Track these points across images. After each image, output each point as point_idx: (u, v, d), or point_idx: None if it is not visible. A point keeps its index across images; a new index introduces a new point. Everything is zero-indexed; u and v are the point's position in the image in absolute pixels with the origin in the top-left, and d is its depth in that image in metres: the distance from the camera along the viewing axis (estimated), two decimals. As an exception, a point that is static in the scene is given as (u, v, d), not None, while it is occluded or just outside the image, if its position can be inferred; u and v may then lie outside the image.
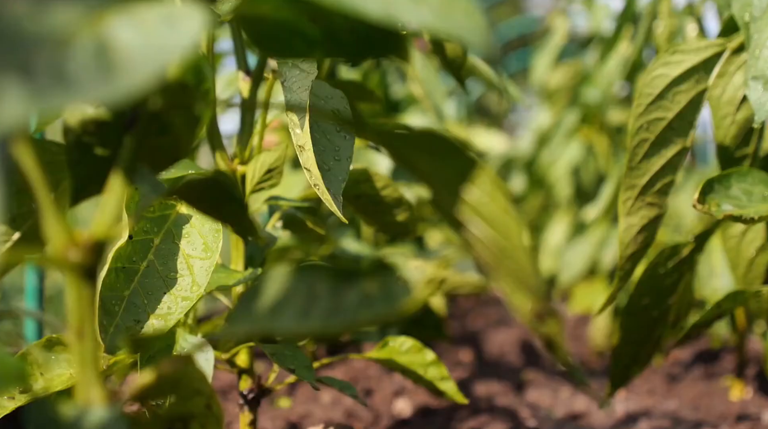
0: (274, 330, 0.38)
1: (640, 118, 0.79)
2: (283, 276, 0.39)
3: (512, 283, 0.39)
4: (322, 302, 0.38)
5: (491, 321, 2.17)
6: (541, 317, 0.39)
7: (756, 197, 0.76)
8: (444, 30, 0.34)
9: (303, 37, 0.43)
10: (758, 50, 0.75)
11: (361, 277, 0.39)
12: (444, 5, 0.35)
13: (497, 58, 0.39)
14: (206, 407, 0.47)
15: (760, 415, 1.09)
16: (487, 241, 0.38)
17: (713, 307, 0.83)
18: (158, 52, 0.30)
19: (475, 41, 0.35)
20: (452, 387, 0.80)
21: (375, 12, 0.34)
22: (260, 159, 0.74)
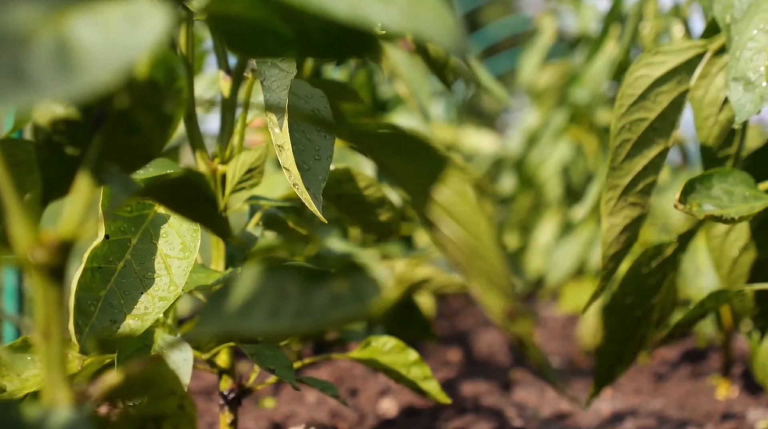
0: (243, 330, 0.38)
1: (623, 119, 0.79)
2: (253, 276, 0.39)
3: (484, 283, 0.38)
4: (292, 302, 0.38)
5: (481, 320, 2.18)
6: (513, 317, 0.38)
7: (737, 197, 0.76)
8: (412, 30, 0.34)
9: (276, 36, 0.43)
10: (739, 52, 0.75)
11: (331, 277, 0.38)
12: (413, 5, 0.34)
13: (467, 59, 0.38)
14: (179, 407, 0.47)
15: (744, 413, 1.09)
16: (458, 241, 0.38)
17: (696, 307, 0.83)
18: (120, 50, 0.30)
19: (444, 41, 0.34)
20: (435, 386, 0.80)
21: (342, 12, 0.34)
22: (240, 158, 0.73)
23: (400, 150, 0.38)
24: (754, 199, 0.76)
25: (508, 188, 2.31)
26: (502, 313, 0.38)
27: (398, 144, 0.37)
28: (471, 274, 0.38)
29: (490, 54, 5.08)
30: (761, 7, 0.75)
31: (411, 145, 0.37)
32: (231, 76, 0.77)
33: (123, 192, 0.42)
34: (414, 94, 1.11)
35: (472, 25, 7.40)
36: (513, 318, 0.38)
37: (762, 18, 0.75)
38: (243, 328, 0.38)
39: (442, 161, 0.37)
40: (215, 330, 0.37)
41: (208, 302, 0.38)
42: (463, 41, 0.35)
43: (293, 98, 0.68)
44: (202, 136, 0.76)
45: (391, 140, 0.37)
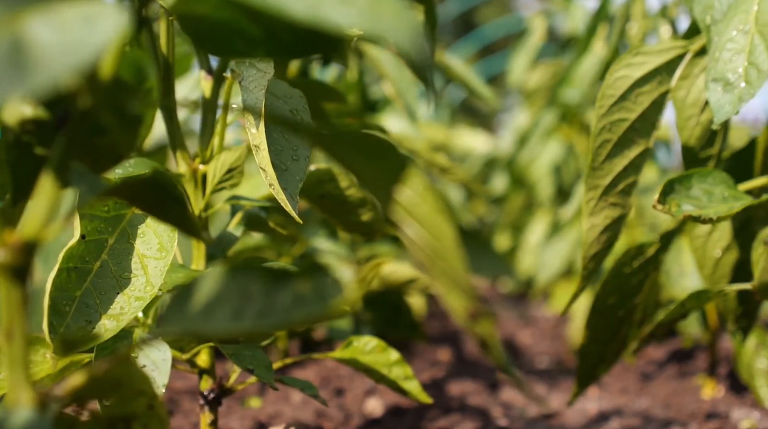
0: (206, 330, 0.38)
1: (603, 119, 0.79)
2: (217, 276, 0.39)
3: (446, 283, 0.39)
4: (256, 302, 0.38)
5: (473, 320, 2.18)
6: (475, 317, 0.39)
7: (716, 197, 0.76)
8: (372, 31, 0.34)
9: (244, 36, 0.43)
10: (718, 53, 0.75)
11: (294, 277, 0.38)
12: (372, 6, 0.34)
13: (427, 60, 0.38)
14: (149, 408, 0.47)
15: (728, 413, 1.09)
16: (420, 242, 0.38)
17: (677, 307, 0.83)
18: (75, 50, 0.30)
19: (403, 43, 0.34)
20: (416, 386, 0.80)
21: (301, 13, 0.34)
22: (221, 158, 0.73)
23: (363, 151, 0.38)
24: (733, 200, 0.76)
25: (500, 188, 2.31)
26: (464, 314, 0.39)
27: (360, 145, 0.37)
28: (434, 274, 0.39)
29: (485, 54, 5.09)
30: (740, 8, 0.76)
31: (372, 147, 0.37)
32: (212, 76, 0.77)
33: (90, 192, 0.42)
34: (400, 94, 1.11)
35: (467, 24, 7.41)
36: (475, 318, 0.39)
37: (741, 19, 0.75)
38: (206, 329, 0.38)
39: (402, 163, 0.37)
40: (178, 330, 0.38)
41: (172, 302, 0.38)
42: (423, 43, 0.35)
43: (272, 98, 0.68)
44: (183, 136, 0.76)
45: (354, 142, 0.37)
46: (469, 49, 4.35)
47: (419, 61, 0.34)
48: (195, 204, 0.75)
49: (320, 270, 0.38)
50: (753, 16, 0.75)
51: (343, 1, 0.34)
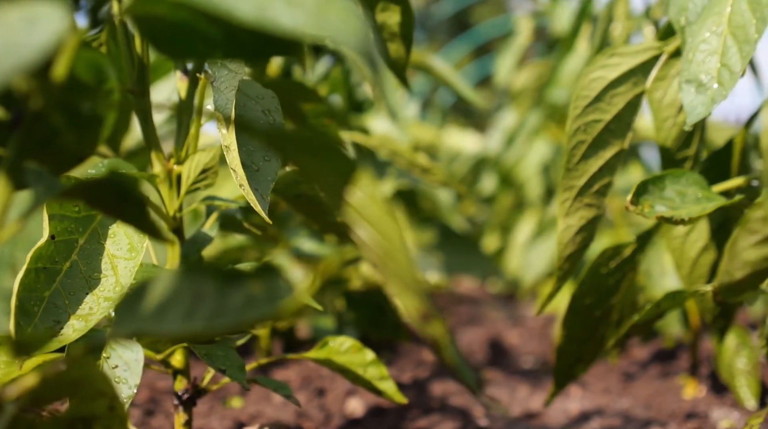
0: (157, 331, 0.38)
1: (578, 120, 0.79)
2: (169, 277, 0.39)
3: (399, 284, 0.39)
4: (208, 303, 0.38)
5: (463, 320, 2.18)
6: (427, 318, 0.39)
7: (689, 198, 0.76)
8: (319, 33, 0.34)
9: (203, 38, 0.43)
10: (692, 54, 0.75)
11: (246, 278, 0.39)
12: (320, 7, 0.35)
13: (375, 62, 0.39)
14: (109, 409, 0.47)
15: (708, 413, 1.10)
16: (371, 243, 0.38)
17: (652, 307, 0.83)
18: (15, 51, 0.30)
19: (350, 45, 0.35)
20: (391, 386, 0.80)
21: (248, 14, 0.34)
22: (195, 159, 0.73)
23: (314, 153, 0.38)
24: (706, 200, 0.76)
25: (489, 188, 2.31)
26: (416, 314, 0.39)
27: (312, 147, 0.38)
28: (386, 275, 0.39)
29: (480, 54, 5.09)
30: (714, 10, 0.76)
31: (324, 149, 0.37)
32: (188, 76, 0.77)
33: (47, 193, 0.42)
34: (382, 95, 1.11)
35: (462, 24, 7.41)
36: (427, 319, 0.39)
37: (714, 21, 0.76)
38: (157, 329, 0.38)
39: (352, 165, 0.37)
40: (128, 331, 0.38)
41: (123, 303, 0.39)
42: (369, 45, 0.35)
43: (244, 99, 0.68)
44: (159, 137, 0.76)
45: (305, 143, 0.38)
46: (464, 49, 4.35)
47: (367, 62, 0.34)
48: (169, 204, 0.75)
49: (272, 271, 0.39)
50: (726, 18, 0.75)
51: (290, 3, 0.34)
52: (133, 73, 0.74)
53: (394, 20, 0.82)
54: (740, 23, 0.74)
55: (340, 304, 1.32)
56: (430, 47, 6.96)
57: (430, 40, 8.01)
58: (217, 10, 0.34)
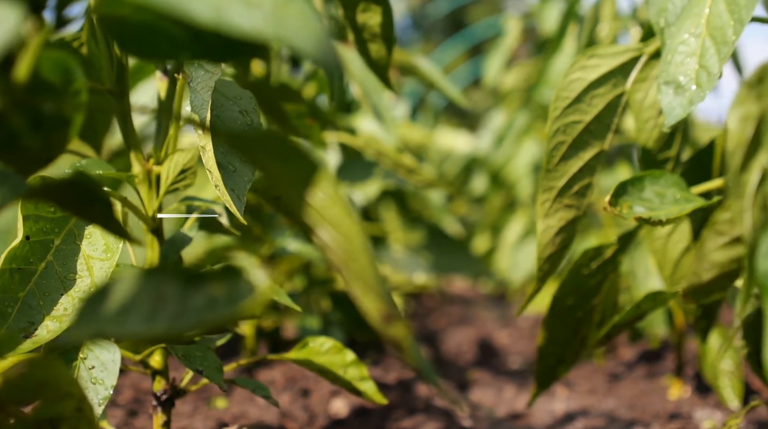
0: (119, 332, 0.38)
1: (557, 121, 0.79)
2: (132, 279, 0.39)
3: (361, 285, 0.39)
4: (170, 305, 0.38)
5: (454, 320, 2.18)
6: (389, 320, 0.39)
7: (668, 200, 0.76)
8: (277, 36, 0.34)
9: (168, 38, 0.43)
10: (670, 56, 0.75)
11: (209, 279, 0.39)
12: (278, 10, 0.35)
13: (333, 64, 0.39)
14: (77, 410, 0.47)
15: (691, 413, 1.10)
16: (333, 245, 0.38)
17: (633, 308, 0.84)
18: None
19: (308, 48, 0.35)
20: (371, 387, 0.80)
21: (204, 16, 0.34)
22: (174, 159, 0.73)
23: (275, 154, 0.38)
24: (685, 202, 0.76)
25: (480, 188, 2.32)
26: (378, 316, 0.39)
27: (273, 148, 0.38)
28: (348, 276, 0.39)
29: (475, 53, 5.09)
30: (692, 11, 0.76)
31: (284, 150, 0.37)
32: (167, 77, 0.77)
33: (12, 194, 0.42)
34: (367, 95, 1.12)
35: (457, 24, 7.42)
36: (389, 320, 0.39)
37: (693, 22, 0.76)
38: (118, 331, 0.38)
39: (313, 166, 0.37)
40: (89, 332, 0.38)
41: (85, 304, 0.38)
42: (328, 48, 0.35)
43: (222, 99, 0.68)
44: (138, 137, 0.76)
45: (267, 144, 0.38)
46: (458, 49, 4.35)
47: (325, 64, 0.34)
48: (149, 205, 0.75)
49: (234, 273, 0.39)
50: (704, 20, 0.75)
51: (248, 5, 0.34)
52: (112, 73, 0.74)
53: (375, 21, 0.82)
54: (718, 25, 0.74)
55: (326, 304, 1.32)
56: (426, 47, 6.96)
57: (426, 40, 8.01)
58: (173, 12, 0.34)
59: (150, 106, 0.95)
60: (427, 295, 2.56)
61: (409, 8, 7.82)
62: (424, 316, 2.26)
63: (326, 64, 0.34)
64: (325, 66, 0.34)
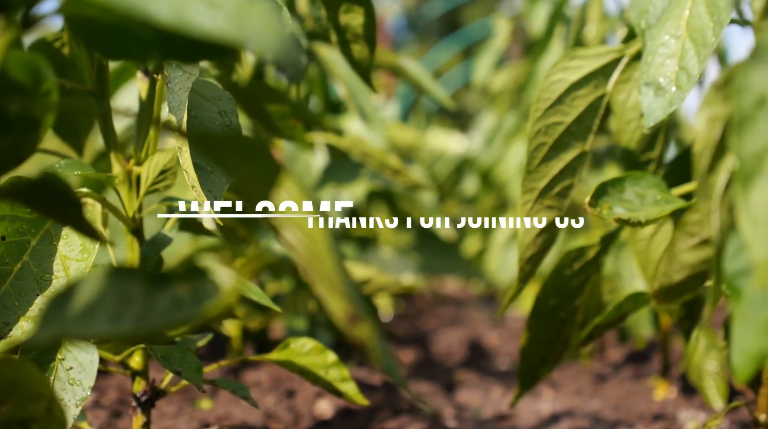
0: (83, 333, 0.38)
1: (539, 122, 0.79)
2: (97, 279, 0.39)
3: (327, 287, 0.39)
4: (135, 306, 0.38)
5: (445, 321, 2.18)
6: (354, 320, 0.39)
7: (648, 201, 0.77)
8: (239, 37, 0.34)
9: (138, 39, 0.43)
10: (651, 57, 0.76)
11: (173, 280, 0.39)
12: (240, 11, 0.35)
13: (296, 66, 0.39)
14: (47, 411, 0.47)
15: (676, 414, 1.10)
16: (298, 246, 0.38)
17: (614, 309, 0.84)
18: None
19: (270, 50, 0.35)
20: (352, 388, 0.80)
21: (166, 16, 0.34)
22: (154, 160, 0.73)
23: (240, 155, 0.38)
24: (665, 203, 0.77)
25: (471, 189, 2.32)
26: (343, 316, 0.39)
27: (237, 149, 0.38)
28: (313, 277, 0.39)
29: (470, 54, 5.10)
30: (673, 13, 0.76)
31: (248, 151, 0.37)
32: (148, 77, 0.77)
33: (-21, 194, 0.42)
34: (353, 95, 1.12)
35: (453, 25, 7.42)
36: (354, 321, 0.39)
37: (673, 24, 0.76)
38: (83, 331, 0.38)
39: (277, 167, 0.37)
40: (53, 333, 0.38)
41: (50, 305, 0.38)
42: (290, 49, 0.35)
43: (200, 100, 0.68)
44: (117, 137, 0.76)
45: (231, 145, 0.38)
46: (453, 50, 4.35)
47: (287, 66, 0.34)
48: (129, 205, 0.75)
49: (199, 273, 0.38)
50: (684, 22, 0.75)
51: (210, 5, 0.34)
52: (93, 73, 0.74)
53: (357, 22, 0.82)
54: (698, 27, 0.74)
55: (313, 305, 1.31)
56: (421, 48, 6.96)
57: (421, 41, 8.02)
58: (134, 12, 0.34)
59: (133, 108, 0.94)
60: (419, 296, 2.57)
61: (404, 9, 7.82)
62: (414, 316, 2.26)
63: (287, 64, 0.34)
64: (286, 67, 0.34)
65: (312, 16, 1.10)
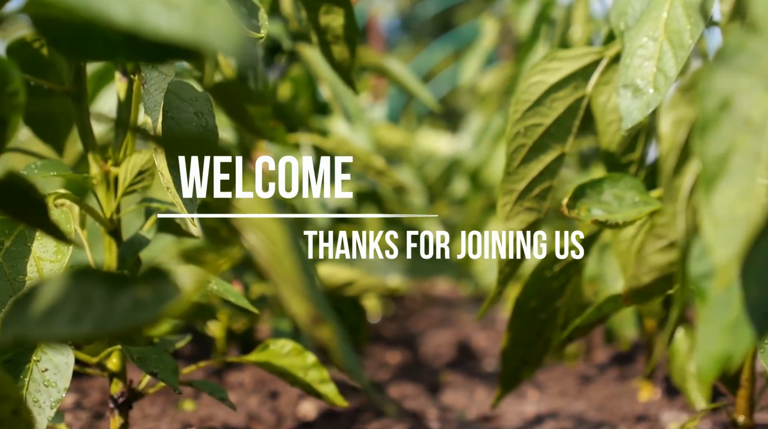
0: (44, 335, 0.38)
1: (518, 124, 0.80)
2: (58, 281, 0.39)
3: (289, 288, 0.39)
4: (96, 307, 0.38)
5: (434, 322, 2.18)
6: (316, 321, 0.39)
7: (626, 202, 0.77)
8: (196, 37, 0.34)
9: (103, 40, 0.43)
10: (629, 59, 0.76)
11: (134, 282, 0.38)
12: (197, 12, 0.35)
13: (252, 65, 0.39)
14: (13, 413, 0.47)
15: (659, 415, 1.10)
16: (259, 247, 0.38)
17: (594, 310, 0.84)
18: None
19: (228, 51, 0.35)
20: (331, 390, 0.80)
21: (122, 17, 0.34)
22: (131, 161, 0.73)
23: (200, 157, 0.38)
24: (643, 205, 0.77)
25: (460, 190, 2.32)
26: (306, 318, 0.39)
27: (196, 150, 0.37)
28: (276, 279, 0.39)
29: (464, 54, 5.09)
30: (651, 15, 0.76)
31: (207, 152, 0.37)
32: (127, 78, 0.77)
33: (-58, 195, 0.42)
34: (337, 96, 1.11)
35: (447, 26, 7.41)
36: (317, 323, 0.39)
37: (651, 26, 0.76)
38: (43, 334, 0.38)
39: (238, 169, 0.37)
40: (13, 335, 0.37)
41: (11, 307, 0.38)
42: (248, 49, 0.35)
43: (177, 101, 0.68)
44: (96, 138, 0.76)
45: (191, 146, 0.37)
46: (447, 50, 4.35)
47: (244, 65, 0.34)
48: (106, 206, 0.75)
49: (161, 275, 0.38)
50: (662, 23, 0.76)
51: (167, 6, 0.34)
52: (70, 74, 0.74)
53: (337, 23, 0.82)
54: (676, 29, 0.75)
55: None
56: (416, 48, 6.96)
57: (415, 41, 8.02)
58: (92, 14, 0.34)
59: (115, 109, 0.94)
60: (410, 297, 2.56)
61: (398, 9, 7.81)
62: (404, 318, 2.26)
63: (245, 65, 0.34)
64: (244, 67, 0.34)
65: (296, 18, 1.10)
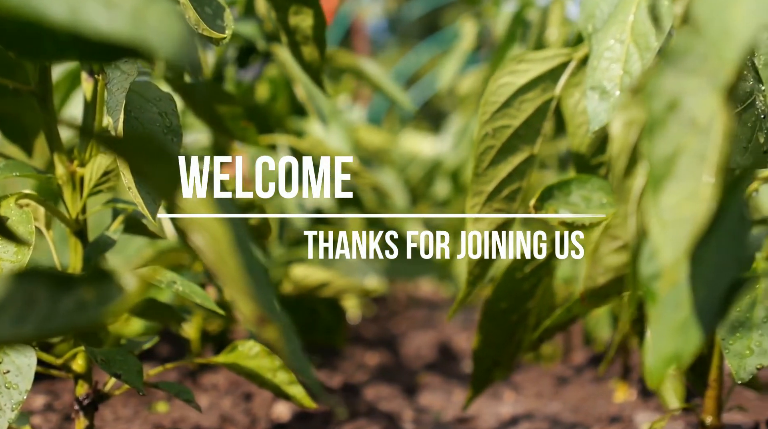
0: (-15, 337, 0.38)
1: (486, 126, 0.80)
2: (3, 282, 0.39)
3: (233, 288, 0.39)
4: (40, 308, 0.38)
5: (416, 323, 2.18)
6: (263, 322, 0.39)
7: (594, 204, 0.77)
8: (136, 37, 0.34)
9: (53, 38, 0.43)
10: (596, 61, 0.76)
11: (79, 283, 0.38)
12: (138, 10, 0.34)
13: (194, 66, 0.38)
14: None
15: (632, 417, 1.11)
16: (205, 248, 0.38)
17: (563, 312, 0.84)
18: None
19: (169, 52, 0.34)
20: (299, 391, 0.80)
21: (60, 16, 0.34)
22: (97, 161, 0.73)
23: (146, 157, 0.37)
24: (610, 206, 0.77)
25: (443, 192, 2.32)
26: (252, 318, 0.39)
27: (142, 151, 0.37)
28: (222, 279, 0.38)
29: (446, 57, 5.10)
30: (618, 18, 0.77)
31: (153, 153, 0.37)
32: (93, 78, 0.76)
33: None
34: (310, 97, 1.11)
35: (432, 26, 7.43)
36: (263, 323, 0.39)
37: (619, 29, 0.76)
38: (-15, 334, 0.37)
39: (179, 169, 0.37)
40: (-47, 336, 0.37)
41: (-48, 308, 0.38)
42: (190, 50, 0.35)
43: (141, 101, 0.68)
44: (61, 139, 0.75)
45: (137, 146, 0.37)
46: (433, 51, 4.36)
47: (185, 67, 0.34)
48: (72, 207, 0.74)
49: (105, 276, 0.38)
50: (629, 26, 0.76)
51: (107, 5, 0.34)
52: (35, 74, 0.73)
53: (307, 23, 0.82)
54: (642, 31, 0.75)
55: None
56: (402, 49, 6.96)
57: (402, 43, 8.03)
58: (28, 12, 0.33)
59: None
60: (392, 298, 2.56)
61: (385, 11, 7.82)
62: (386, 319, 2.26)
63: (186, 66, 0.34)
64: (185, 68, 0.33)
65: (270, 18, 1.10)
